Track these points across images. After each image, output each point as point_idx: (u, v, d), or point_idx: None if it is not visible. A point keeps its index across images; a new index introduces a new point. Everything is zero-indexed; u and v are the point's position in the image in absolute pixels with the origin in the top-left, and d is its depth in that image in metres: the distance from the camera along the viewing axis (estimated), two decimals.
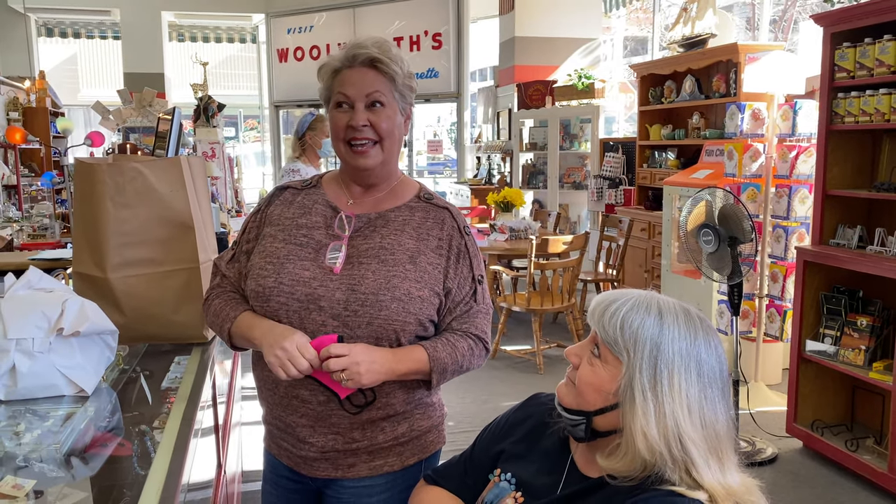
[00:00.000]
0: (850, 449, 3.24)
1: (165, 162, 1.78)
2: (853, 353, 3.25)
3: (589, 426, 1.06)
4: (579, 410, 1.06)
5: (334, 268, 1.39)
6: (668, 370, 1.00)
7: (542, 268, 4.72)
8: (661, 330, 1.01)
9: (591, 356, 1.07)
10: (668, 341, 1.00)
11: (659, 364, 1.00)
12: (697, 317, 1.05)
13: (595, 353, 1.06)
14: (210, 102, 7.38)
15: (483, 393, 4.30)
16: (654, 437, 0.98)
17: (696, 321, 1.04)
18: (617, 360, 1.03)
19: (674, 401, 0.99)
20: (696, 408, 1.00)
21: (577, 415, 1.06)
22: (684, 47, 6.01)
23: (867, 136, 3.37)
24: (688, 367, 1.00)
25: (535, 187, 7.93)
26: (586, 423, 1.05)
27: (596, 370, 1.05)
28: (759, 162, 4.19)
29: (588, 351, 1.08)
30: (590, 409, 1.05)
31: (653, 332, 1.01)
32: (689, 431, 0.98)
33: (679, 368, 1.00)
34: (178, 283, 1.79)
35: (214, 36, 11.83)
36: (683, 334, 1.01)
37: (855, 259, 3.18)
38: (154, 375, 1.68)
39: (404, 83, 1.43)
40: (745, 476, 1.05)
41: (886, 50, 3.05)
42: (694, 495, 0.99)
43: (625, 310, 1.03)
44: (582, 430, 1.06)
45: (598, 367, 1.05)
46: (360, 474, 1.45)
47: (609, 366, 1.04)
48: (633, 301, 1.04)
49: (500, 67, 9.01)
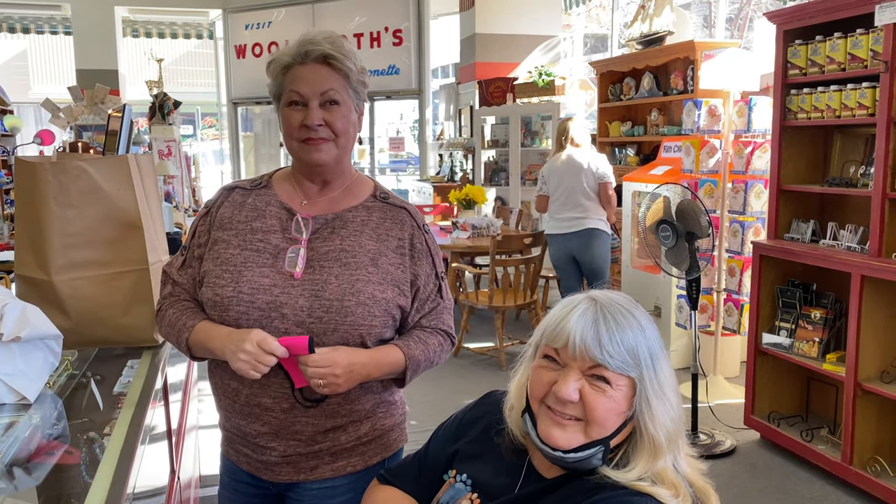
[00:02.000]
0: (805, 439, 3.30)
1: (112, 160, 1.72)
2: (808, 346, 3.31)
3: (607, 451, 1.03)
4: (592, 442, 1.02)
5: (295, 273, 1.35)
6: (660, 363, 1.05)
7: (504, 265, 4.72)
8: (644, 332, 1.04)
9: (593, 386, 1.02)
10: (652, 340, 1.05)
11: (656, 363, 1.04)
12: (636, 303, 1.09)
13: (599, 380, 1.02)
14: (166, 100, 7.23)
15: (446, 391, 4.28)
16: (669, 425, 1.03)
17: (641, 308, 1.08)
18: (629, 379, 1.03)
19: (668, 386, 1.05)
20: (675, 386, 1.07)
21: (592, 447, 1.02)
22: (643, 44, 6.07)
23: (819, 132, 3.44)
24: (663, 353, 1.07)
25: (498, 184, 7.94)
26: (605, 450, 1.03)
27: (610, 397, 1.02)
28: (716, 158, 4.25)
29: (585, 383, 1.02)
30: (606, 434, 1.03)
31: (642, 339, 1.04)
32: (680, 411, 1.06)
33: (662, 357, 1.06)
34: (127, 284, 1.73)
35: (170, 32, 11.61)
36: (652, 326, 1.06)
37: (808, 253, 3.24)
38: (105, 380, 1.63)
39: (358, 79, 1.40)
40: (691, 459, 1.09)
41: (836, 47, 3.11)
42: (654, 491, 0.98)
43: (617, 332, 1.01)
44: (600, 459, 1.03)
45: (610, 393, 1.02)
46: (323, 476, 1.42)
47: (622, 387, 1.02)
48: (611, 318, 1.02)
49: (461, 64, 9.01)
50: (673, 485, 1.01)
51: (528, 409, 1.08)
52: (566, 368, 1.03)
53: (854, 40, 3.02)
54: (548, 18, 8.52)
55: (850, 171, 3.25)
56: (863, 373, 2.97)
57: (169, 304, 1.45)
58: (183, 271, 1.46)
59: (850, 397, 2.99)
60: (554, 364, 1.05)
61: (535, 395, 1.06)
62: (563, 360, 1.03)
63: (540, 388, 1.05)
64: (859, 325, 2.94)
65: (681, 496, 1.00)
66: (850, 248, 3.11)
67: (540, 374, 1.06)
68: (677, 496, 0.99)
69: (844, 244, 3.15)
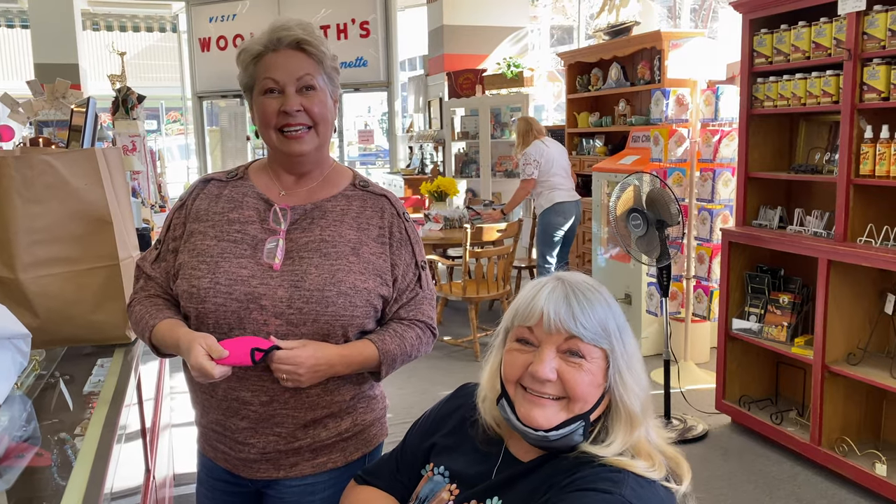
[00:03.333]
0: (775, 422, 3.36)
1: (78, 154, 1.68)
2: (776, 330, 3.37)
3: (587, 426, 1.05)
4: (573, 418, 1.04)
5: (274, 264, 1.32)
6: (627, 336, 1.08)
7: (476, 256, 4.73)
8: (611, 308, 1.07)
9: (568, 363, 1.03)
10: (618, 315, 1.08)
11: (624, 336, 1.07)
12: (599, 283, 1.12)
13: (574, 355, 1.03)
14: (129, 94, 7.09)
15: (422, 383, 4.28)
16: (641, 395, 1.06)
17: (604, 288, 1.11)
18: (602, 353, 1.05)
19: (636, 358, 1.08)
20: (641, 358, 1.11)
21: (574, 422, 1.03)
22: (609, 35, 6.11)
23: (785, 119, 3.50)
24: (628, 326, 1.10)
25: (468, 176, 7.95)
26: (585, 424, 1.04)
27: (586, 370, 1.03)
28: (684, 147, 4.30)
29: (560, 360, 1.04)
30: (587, 409, 1.04)
31: (610, 313, 1.06)
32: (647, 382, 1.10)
33: (628, 330, 1.09)
34: (97, 281, 1.69)
35: (132, 25, 11.38)
36: (615, 303, 1.09)
37: (776, 239, 3.30)
38: (75, 380, 1.59)
39: (331, 66, 1.38)
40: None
41: (801, 36, 3.16)
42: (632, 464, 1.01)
43: (588, 306, 1.04)
44: (580, 434, 1.04)
45: (586, 367, 1.04)
46: (304, 473, 1.40)
47: (596, 360, 1.04)
48: (579, 293, 1.05)
49: (429, 56, 8.98)
50: (649, 455, 1.03)
51: (505, 395, 1.08)
52: (541, 348, 1.04)
53: (818, 29, 3.07)
54: (515, 10, 8.53)
55: (816, 158, 3.31)
56: (830, 355, 3.03)
57: (138, 300, 1.43)
58: (157, 265, 1.43)
59: (818, 380, 3.06)
60: (527, 346, 1.06)
61: (510, 377, 1.07)
62: (538, 337, 1.04)
63: (514, 370, 1.06)
64: (826, 308, 3.00)
65: (656, 466, 1.02)
66: (816, 233, 3.17)
67: (514, 357, 1.07)
68: (653, 467, 1.02)
69: (811, 230, 3.21)
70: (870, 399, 3.11)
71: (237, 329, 1.31)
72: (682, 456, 1.08)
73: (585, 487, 0.97)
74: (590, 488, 0.97)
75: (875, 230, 2.89)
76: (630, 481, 0.98)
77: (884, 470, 2.84)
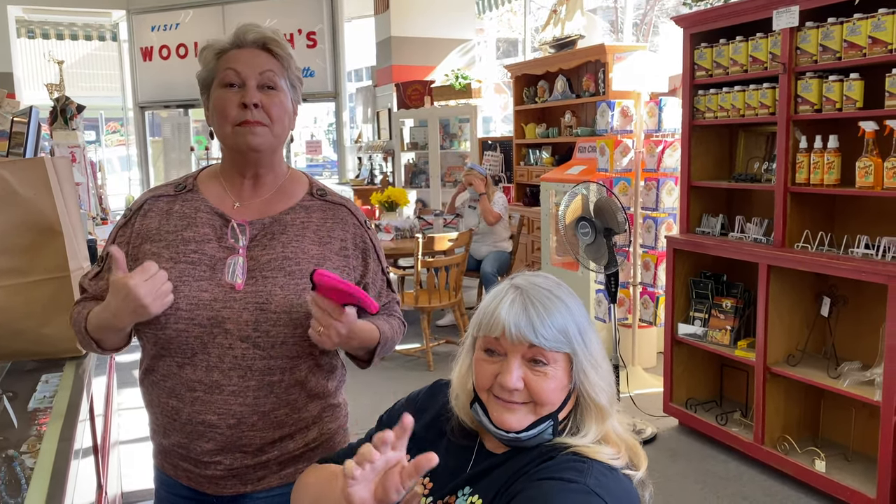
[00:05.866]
0: (720, 423, 3.47)
1: (26, 163, 1.64)
2: (720, 334, 3.48)
3: (556, 424, 1.09)
4: (541, 419, 1.08)
5: (237, 284, 1.28)
6: (589, 336, 1.11)
7: (428, 266, 4.75)
8: (571, 311, 1.09)
9: (534, 371, 1.07)
10: (578, 315, 1.10)
11: (585, 336, 1.10)
12: (558, 282, 1.15)
13: (538, 364, 1.07)
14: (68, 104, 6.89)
15: (376, 394, 4.27)
16: (607, 389, 1.11)
17: (564, 286, 1.14)
18: (565, 356, 1.09)
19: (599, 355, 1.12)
20: (604, 353, 1.15)
21: (542, 423, 1.08)
22: (555, 48, 6.23)
23: (725, 130, 3.63)
24: (590, 325, 1.13)
25: (418, 186, 7.98)
26: (554, 423, 1.09)
27: (550, 376, 1.08)
28: (629, 157, 4.42)
29: (526, 369, 1.08)
30: (554, 410, 1.08)
31: (570, 317, 1.09)
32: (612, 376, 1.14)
33: (590, 329, 1.12)
34: (47, 293, 1.65)
35: (69, 33, 11.04)
36: (576, 301, 1.13)
37: (719, 245, 3.41)
38: (18, 396, 1.54)
39: (295, 74, 1.37)
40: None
41: (739, 50, 3.29)
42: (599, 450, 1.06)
43: (547, 315, 1.06)
44: (550, 433, 1.09)
45: (550, 372, 1.08)
46: (271, 485, 1.38)
47: (559, 364, 1.08)
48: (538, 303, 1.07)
49: (377, 67, 8.99)
50: (616, 443, 1.09)
51: (478, 399, 1.12)
52: (507, 358, 1.08)
53: (754, 43, 3.21)
54: (461, 22, 8.62)
55: (755, 167, 3.44)
56: (771, 357, 3.15)
57: (75, 307, 1.37)
58: (94, 282, 1.37)
59: (760, 381, 3.17)
60: (494, 356, 1.10)
61: (482, 386, 1.11)
62: (504, 347, 1.08)
63: (485, 380, 1.10)
64: (767, 312, 3.12)
65: (621, 454, 1.08)
66: (756, 239, 3.29)
67: (483, 368, 1.11)
68: (618, 454, 1.07)
69: (751, 236, 3.33)
70: (808, 398, 3.24)
71: (201, 353, 1.27)
72: (640, 445, 1.13)
73: (551, 476, 1.01)
74: (556, 477, 1.01)
75: (811, 236, 3.02)
76: (594, 471, 1.02)
77: (823, 466, 2.96)
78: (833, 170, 2.89)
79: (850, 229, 3.02)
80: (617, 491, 1.01)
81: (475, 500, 1.08)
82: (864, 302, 3.02)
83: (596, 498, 0.97)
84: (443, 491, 1.13)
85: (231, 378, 1.28)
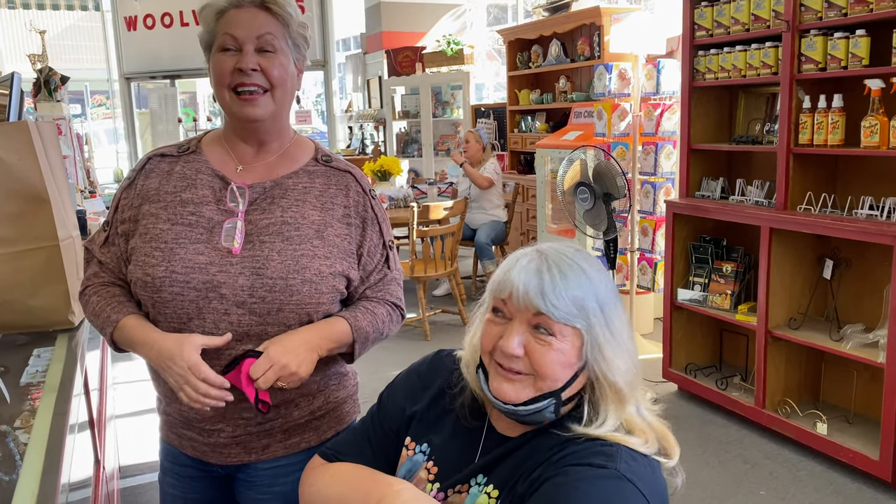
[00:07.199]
0: (720, 388, 3.46)
1: (8, 127, 1.57)
2: (720, 298, 3.46)
3: (559, 404, 1.02)
4: (542, 395, 1.01)
5: (233, 248, 1.24)
6: (612, 310, 1.03)
7: (423, 235, 4.69)
8: (592, 282, 1.02)
9: (538, 339, 1.00)
10: (601, 288, 1.03)
11: (607, 311, 1.02)
12: (586, 253, 1.07)
13: (544, 333, 1.00)
14: (52, 75, 6.75)
15: (372, 364, 4.22)
16: (628, 371, 1.02)
17: (591, 258, 1.06)
18: (575, 330, 1.01)
19: (623, 333, 1.04)
20: (630, 332, 1.07)
21: (543, 399, 1.00)
22: (549, 11, 6.12)
23: (725, 92, 3.56)
24: (616, 299, 1.05)
25: (410, 156, 7.89)
26: (556, 402, 1.01)
27: (555, 347, 1.00)
28: (627, 121, 4.35)
29: (529, 336, 1.01)
30: (557, 387, 1.01)
31: (590, 288, 1.01)
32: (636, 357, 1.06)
33: (614, 304, 1.04)
34: (36, 263, 1.59)
35: (51, 3, 10.78)
36: (602, 274, 1.05)
37: (719, 209, 3.37)
38: (10, 371, 1.49)
39: (298, 31, 1.31)
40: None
41: (741, 8, 3.21)
42: (626, 440, 0.99)
43: (561, 282, 0.99)
44: (552, 411, 1.01)
45: (557, 345, 1.00)
46: (276, 454, 1.34)
47: (568, 338, 1.00)
48: (555, 268, 1.01)
49: (367, 34, 8.83)
50: (642, 431, 1.01)
51: (481, 364, 1.07)
52: (512, 322, 1.02)
53: (757, 1, 3.13)
54: None
55: (756, 129, 3.39)
56: (773, 321, 3.13)
57: (93, 289, 1.33)
58: (106, 249, 1.34)
59: (761, 345, 3.15)
60: (501, 318, 1.04)
61: (485, 348, 1.05)
62: (510, 311, 1.02)
63: (488, 341, 1.05)
64: (769, 275, 3.09)
65: (649, 442, 1.01)
66: (757, 202, 3.25)
67: (489, 328, 1.05)
68: (647, 443, 1.00)
69: (752, 199, 3.29)
70: (809, 361, 3.23)
71: (196, 319, 1.24)
72: (670, 430, 1.06)
73: (579, 462, 0.95)
74: (584, 463, 0.95)
75: (814, 198, 2.98)
76: (623, 455, 0.96)
77: (824, 429, 2.95)
78: (837, 129, 2.84)
79: (854, 190, 2.98)
80: (647, 477, 0.96)
81: (491, 491, 1.02)
82: (867, 264, 2.99)
83: (628, 484, 0.92)
84: (453, 479, 1.07)
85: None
